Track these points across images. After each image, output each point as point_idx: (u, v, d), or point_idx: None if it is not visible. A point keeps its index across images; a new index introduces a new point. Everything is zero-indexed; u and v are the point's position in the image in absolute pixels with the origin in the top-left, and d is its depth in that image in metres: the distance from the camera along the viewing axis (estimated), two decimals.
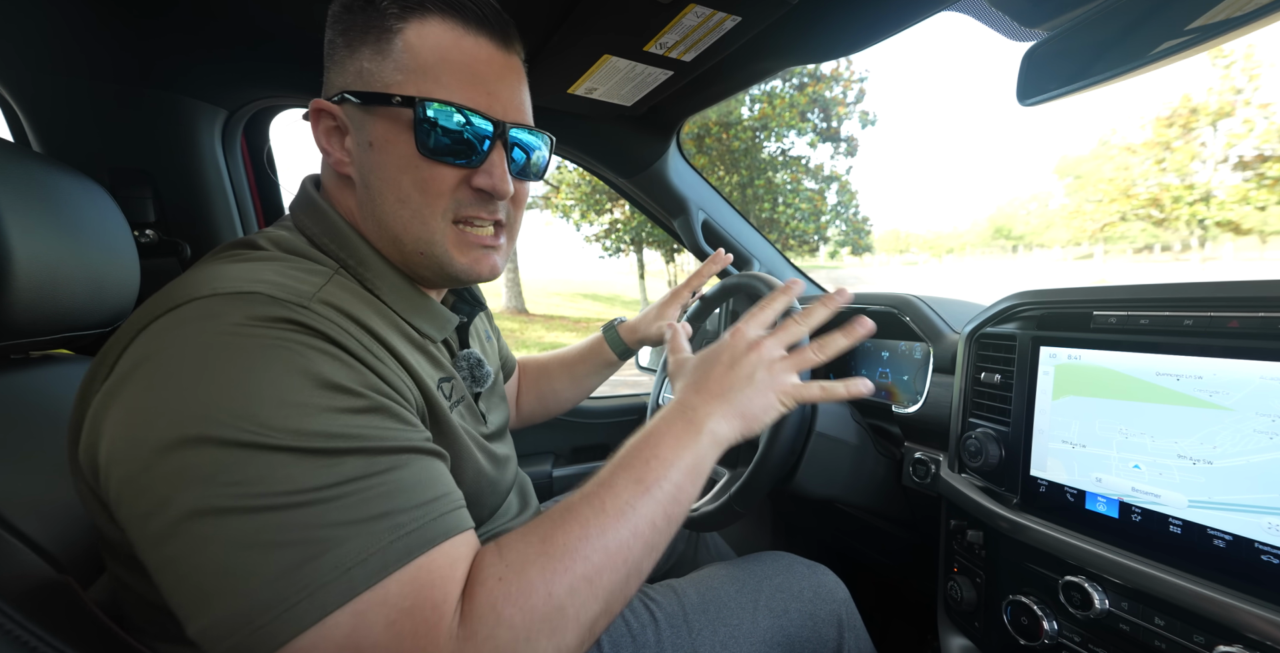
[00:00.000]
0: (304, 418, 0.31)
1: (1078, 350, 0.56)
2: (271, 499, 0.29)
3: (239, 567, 0.28)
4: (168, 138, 0.81)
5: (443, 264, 0.46)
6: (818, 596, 0.67)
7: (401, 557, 0.31)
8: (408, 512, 0.32)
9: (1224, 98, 20.46)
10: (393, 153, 0.43)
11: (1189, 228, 22.66)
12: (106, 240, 0.57)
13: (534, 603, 0.32)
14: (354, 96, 0.43)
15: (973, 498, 0.63)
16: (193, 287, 0.35)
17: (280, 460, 0.30)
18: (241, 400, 0.31)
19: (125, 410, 0.32)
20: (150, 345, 0.33)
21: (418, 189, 0.44)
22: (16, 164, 0.49)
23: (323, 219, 0.46)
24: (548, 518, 0.37)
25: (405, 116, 0.42)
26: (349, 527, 0.30)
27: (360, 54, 0.43)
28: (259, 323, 0.33)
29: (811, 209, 11.37)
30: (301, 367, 0.33)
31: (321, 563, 0.29)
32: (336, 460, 0.31)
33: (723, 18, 0.65)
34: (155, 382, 0.32)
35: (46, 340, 0.53)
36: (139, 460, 0.30)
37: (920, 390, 0.81)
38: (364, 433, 0.33)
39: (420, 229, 0.45)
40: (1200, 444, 0.47)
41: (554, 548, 0.35)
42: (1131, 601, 0.48)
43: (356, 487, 0.31)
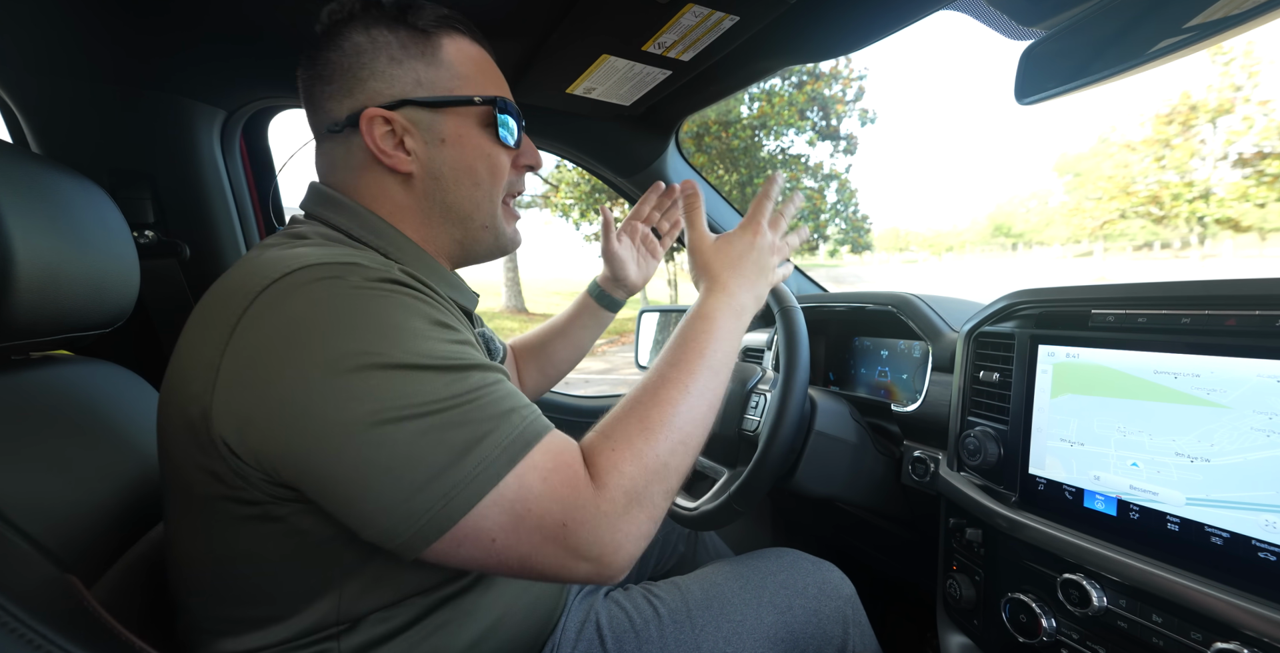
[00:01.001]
0: (435, 345, 0.39)
1: (1076, 349, 0.57)
2: (431, 405, 0.36)
3: (424, 456, 0.35)
4: (166, 138, 0.81)
5: (498, 235, 0.56)
6: (823, 592, 0.67)
7: (532, 437, 0.38)
8: (522, 409, 0.40)
9: (1223, 95, 20.44)
10: (470, 144, 0.51)
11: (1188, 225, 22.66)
12: (106, 241, 0.57)
13: (645, 461, 0.41)
14: (421, 103, 0.48)
15: (971, 496, 0.63)
16: (290, 261, 0.39)
17: (428, 377, 0.37)
18: (388, 335, 0.37)
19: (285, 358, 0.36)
20: (284, 303, 0.37)
21: (489, 172, 0.52)
22: (17, 165, 0.49)
23: (350, 213, 0.50)
24: (639, 402, 0.45)
25: (477, 113, 0.51)
26: (492, 420, 0.37)
27: (411, 65, 0.49)
28: (373, 282, 0.39)
29: (811, 208, 11.37)
30: (419, 310, 0.40)
31: (485, 445, 0.36)
32: (465, 374, 0.39)
33: (721, 17, 0.65)
34: (308, 329, 0.36)
35: (47, 341, 0.53)
36: (316, 394, 0.35)
37: (919, 389, 0.81)
38: (473, 356, 0.41)
39: (489, 205, 0.54)
40: (1198, 442, 0.47)
41: (652, 423, 0.43)
42: (1129, 598, 0.49)
43: (484, 393, 0.38)
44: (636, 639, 0.57)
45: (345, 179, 0.51)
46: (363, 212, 0.50)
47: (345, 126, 0.49)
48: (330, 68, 0.49)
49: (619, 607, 0.61)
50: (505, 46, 0.77)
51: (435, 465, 0.35)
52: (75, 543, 0.44)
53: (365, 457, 0.34)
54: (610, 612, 0.60)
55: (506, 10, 0.69)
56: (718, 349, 0.50)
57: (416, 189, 0.51)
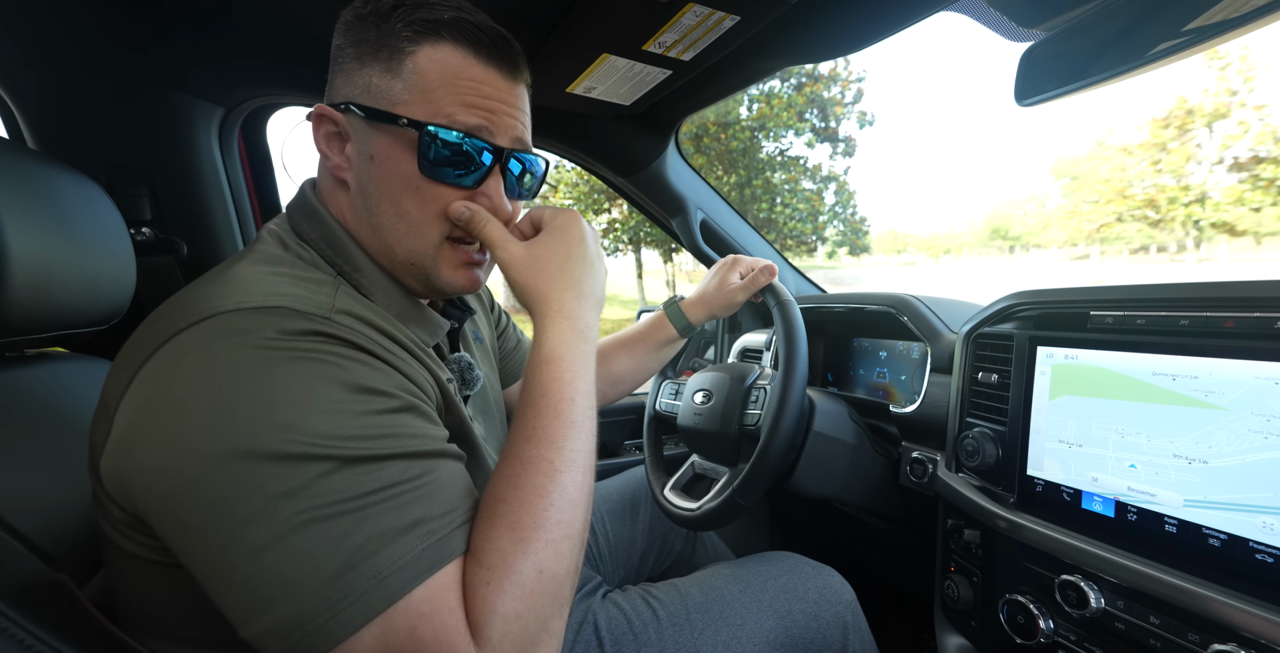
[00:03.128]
0: (344, 423, 0.33)
1: (1074, 350, 0.57)
2: (318, 510, 0.31)
3: (289, 575, 0.30)
4: (164, 135, 0.81)
5: (429, 277, 0.47)
6: (823, 597, 0.66)
7: (434, 563, 0.32)
8: (436, 519, 0.34)
9: (1219, 99, 20.56)
10: (394, 170, 0.44)
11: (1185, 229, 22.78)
12: (103, 238, 0.57)
13: (527, 587, 0.34)
14: (360, 109, 0.43)
15: (970, 497, 0.63)
16: (214, 300, 0.35)
17: (325, 469, 0.31)
18: (285, 412, 0.32)
19: (165, 426, 0.32)
20: (180, 362, 0.33)
21: (417, 206, 0.45)
22: (12, 161, 0.48)
23: (320, 224, 0.46)
24: (502, 499, 0.37)
25: (409, 136, 0.43)
26: (385, 536, 0.31)
27: (370, 68, 0.44)
28: (289, 336, 0.34)
29: (809, 209, 11.38)
30: (335, 376, 0.34)
31: (361, 572, 0.30)
32: (378, 466, 0.33)
33: (721, 17, 0.65)
34: (195, 397, 0.32)
35: (42, 338, 0.52)
36: (186, 476, 0.31)
37: (918, 390, 0.81)
38: (400, 432, 0.35)
39: (415, 243, 0.46)
40: (1196, 444, 0.47)
41: (525, 530, 0.35)
42: (1127, 599, 0.49)
43: (396, 492, 0.33)
44: (635, 641, 0.57)
45: (321, 177, 0.49)
46: (329, 221, 0.46)
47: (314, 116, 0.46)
48: (332, 56, 0.47)
49: (617, 608, 0.61)
50: None
51: (301, 589, 0.29)
52: (67, 542, 0.44)
53: (228, 562, 0.30)
54: (608, 613, 0.60)
55: (507, 8, 0.69)
56: (576, 396, 0.41)
57: (354, 199, 0.46)
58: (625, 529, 0.85)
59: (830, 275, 27.40)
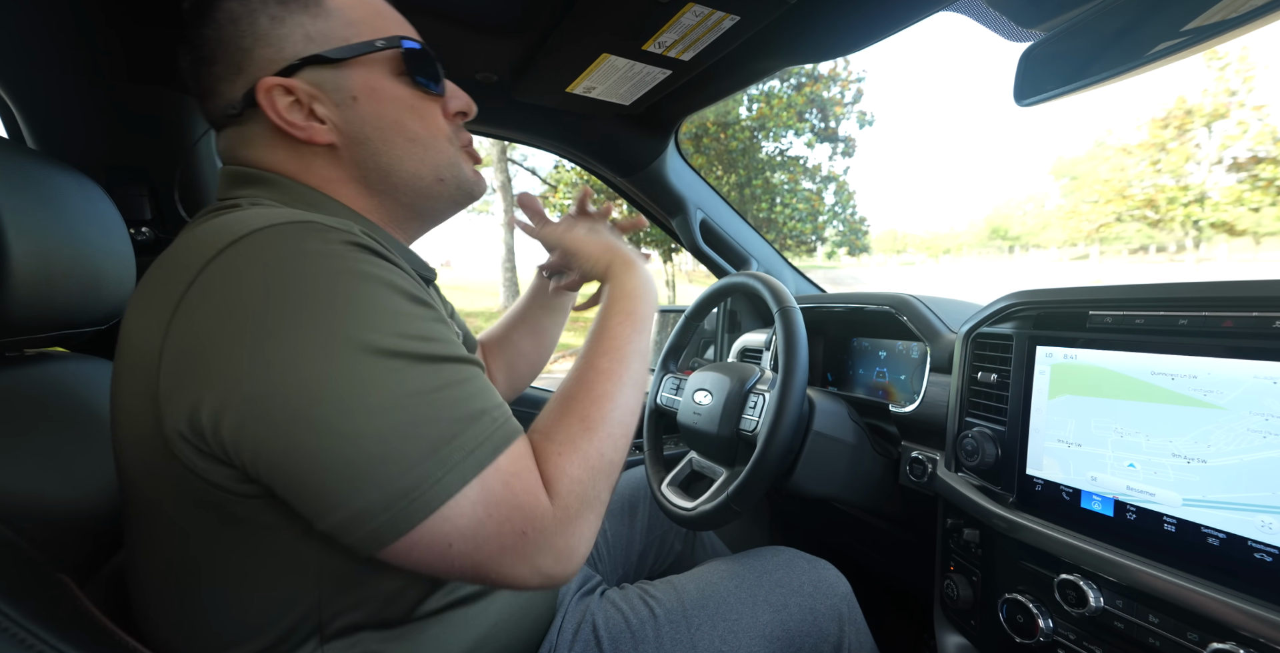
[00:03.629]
0: (414, 325, 0.36)
1: (1074, 350, 0.57)
2: (406, 399, 0.34)
3: (392, 452, 0.33)
4: (164, 135, 0.81)
5: (461, 183, 0.51)
6: (818, 590, 0.67)
7: (501, 442, 0.36)
8: (493, 410, 0.37)
9: (1218, 99, 20.58)
10: (385, 97, 0.45)
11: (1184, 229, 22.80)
12: (102, 238, 0.57)
13: (591, 462, 0.40)
14: (320, 60, 0.43)
15: (969, 497, 0.63)
16: (234, 227, 0.35)
17: (402, 365, 0.34)
18: (365, 312, 0.34)
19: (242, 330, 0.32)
20: (239, 272, 0.34)
21: (422, 124, 0.47)
22: (12, 161, 0.48)
23: (281, 186, 0.44)
24: (576, 397, 0.44)
25: (385, 61, 0.45)
26: (462, 421, 0.35)
27: (295, 21, 0.43)
28: (335, 246, 0.35)
29: (809, 209, 11.38)
30: (387, 280, 0.36)
31: (454, 447, 0.34)
32: (441, 367, 0.36)
33: (721, 17, 0.65)
34: (268, 299, 0.33)
35: (42, 338, 0.52)
36: (272, 377, 0.32)
37: (917, 390, 0.81)
38: (447, 338, 0.38)
39: (439, 156, 0.48)
40: (1194, 443, 0.47)
41: (593, 423, 0.42)
42: (1126, 598, 0.49)
43: (459, 390, 0.36)
44: (633, 640, 0.57)
45: (260, 157, 0.45)
46: (291, 182, 0.44)
47: (243, 107, 0.43)
48: (209, 46, 0.43)
49: (615, 608, 0.61)
50: (506, 45, 0.77)
51: (401, 463, 0.33)
52: (68, 541, 0.44)
53: (330, 447, 0.32)
54: (606, 613, 0.60)
55: (507, 8, 0.69)
56: (643, 331, 0.50)
57: (345, 159, 0.45)
58: (624, 529, 0.85)
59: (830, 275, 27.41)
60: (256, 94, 0.42)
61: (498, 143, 10.54)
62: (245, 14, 0.42)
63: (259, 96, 0.42)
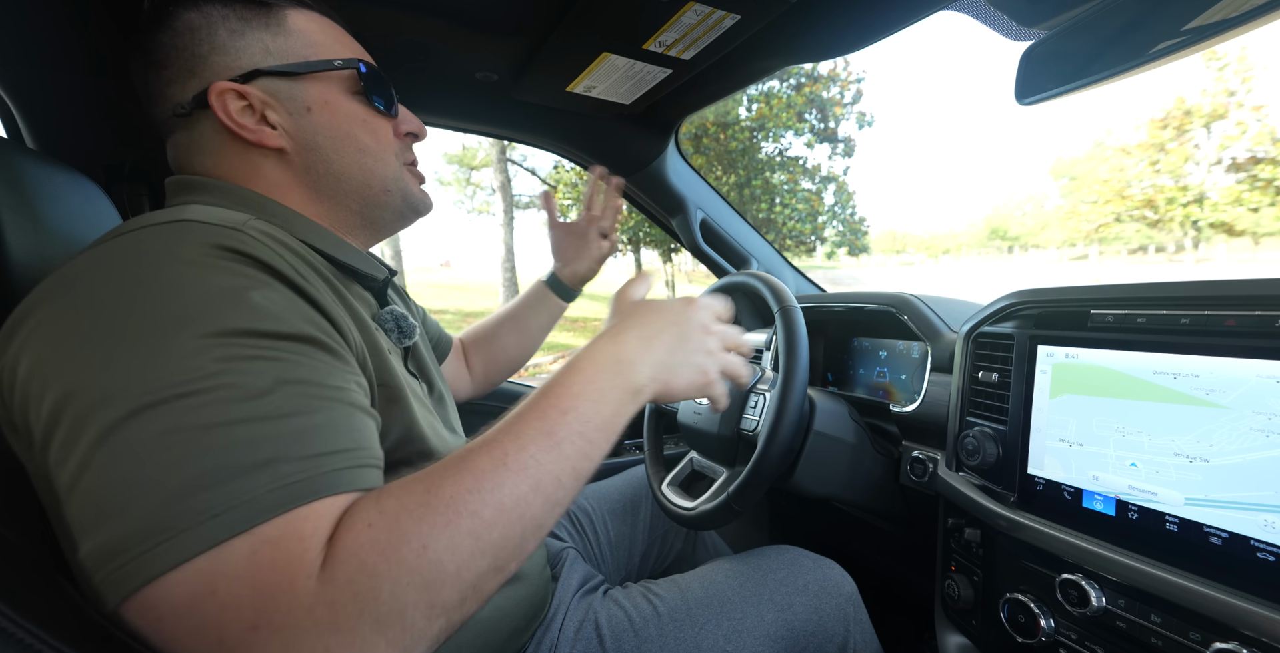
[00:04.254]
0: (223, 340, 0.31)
1: (1075, 349, 0.57)
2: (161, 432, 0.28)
3: (114, 500, 0.28)
4: (163, 135, 0.81)
5: (406, 196, 0.52)
6: (823, 590, 0.66)
7: (269, 509, 0.29)
8: (295, 462, 0.30)
9: (1217, 100, 20.61)
10: (339, 111, 0.48)
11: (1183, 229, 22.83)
12: None
13: (404, 555, 0.29)
14: (277, 72, 0.45)
15: (970, 496, 0.63)
16: (118, 228, 0.37)
17: (189, 383, 0.29)
18: (160, 320, 0.30)
19: (46, 330, 0.31)
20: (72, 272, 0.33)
21: (373, 137, 0.49)
22: (13, 161, 0.48)
23: (224, 192, 0.44)
24: (440, 466, 0.34)
25: (341, 79, 0.48)
26: (230, 470, 0.28)
27: (255, 36, 0.45)
28: (190, 249, 0.34)
29: (809, 209, 11.38)
30: (231, 290, 0.33)
31: (189, 506, 0.27)
32: (243, 394, 0.30)
33: (722, 16, 0.65)
34: (73, 295, 0.32)
35: None
36: (54, 381, 0.30)
37: (918, 390, 0.81)
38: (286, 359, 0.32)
39: (385, 169, 0.50)
40: (1197, 442, 0.47)
41: (438, 500, 0.31)
42: (1128, 598, 0.49)
43: (250, 428, 0.29)
44: (636, 638, 0.57)
45: (207, 164, 0.46)
46: (234, 187, 0.45)
47: (193, 108, 0.44)
48: (163, 50, 0.44)
49: (618, 606, 0.61)
50: (506, 44, 0.77)
51: (125, 513, 0.27)
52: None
53: (67, 463, 0.28)
54: (609, 611, 0.60)
55: (508, 8, 0.69)
56: (576, 430, 0.36)
57: (295, 163, 0.46)
58: (626, 529, 0.85)
59: (829, 275, 27.44)
60: (209, 96, 0.43)
61: (497, 143, 10.54)
62: (204, 25, 0.44)
63: (211, 98, 0.43)
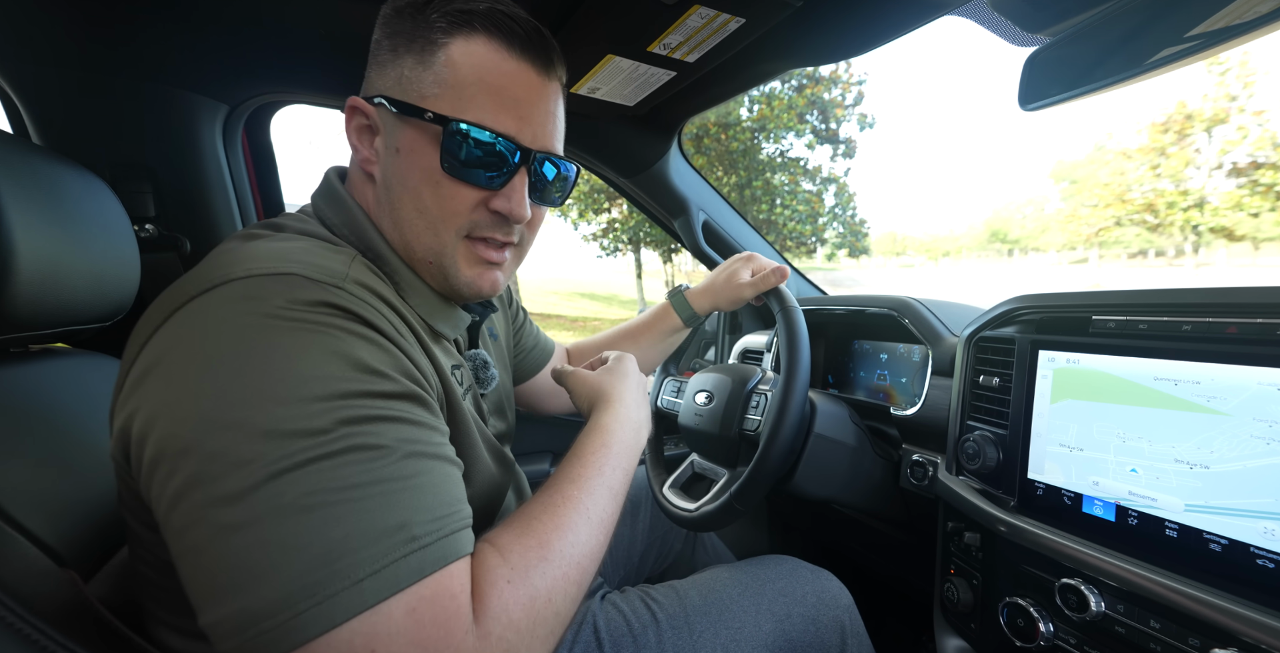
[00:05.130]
0: (343, 403, 0.32)
1: (1076, 355, 0.57)
2: (302, 497, 0.29)
3: (254, 564, 0.28)
4: (169, 132, 0.81)
5: (448, 276, 0.47)
6: (821, 601, 0.67)
7: (414, 572, 0.30)
8: (425, 523, 0.32)
9: (1219, 105, 20.63)
10: (418, 164, 0.44)
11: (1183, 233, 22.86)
12: (107, 234, 0.57)
13: (538, 608, 0.35)
14: (389, 103, 0.44)
15: (970, 500, 0.63)
16: (227, 267, 0.35)
17: (317, 451, 0.30)
18: (283, 386, 0.31)
19: (163, 388, 0.32)
20: (187, 327, 0.33)
21: (436, 203, 0.44)
22: (19, 157, 0.48)
23: (343, 210, 0.46)
24: (534, 518, 0.40)
25: (434, 131, 0.43)
26: (367, 535, 0.30)
27: (403, 61, 0.44)
28: (298, 306, 0.34)
29: (809, 211, 11.39)
30: (343, 351, 0.34)
31: (336, 569, 0.28)
32: (371, 455, 0.32)
33: (727, 19, 0.65)
34: (195, 363, 0.32)
35: (46, 334, 0.52)
36: (177, 441, 0.30)
37: (918, 393, 0.81)
38: (400, 417, 0.34)
39: (432, 240, 0.46)
40: (1197, 449, 0.47)
41: (552, 553, 0.37)
42: (1127, 603, 0.49)
43: (381, 489, 0.31)
44: (634, 644, 0.57)
45: (352, 169, 0.49)
46: (353, 208, 0.46)
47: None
48: (373, 47, 0.47)
49: (616, 610, 0.61)
50: None
51: (264, 581, 0.28)
52: (72, 537, 0.44)
53: (197, 540, 0.29)
54: (608, 615, 0.60)
55: None
56: (616, 467, 0.48)
57: (380, 193, 0.46)
58: (625, 530, 0.85)
59: (829, 277, 27.45)
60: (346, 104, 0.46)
61: None
62: (387, 37, 0.45)
63: (346, 108, 0.46)
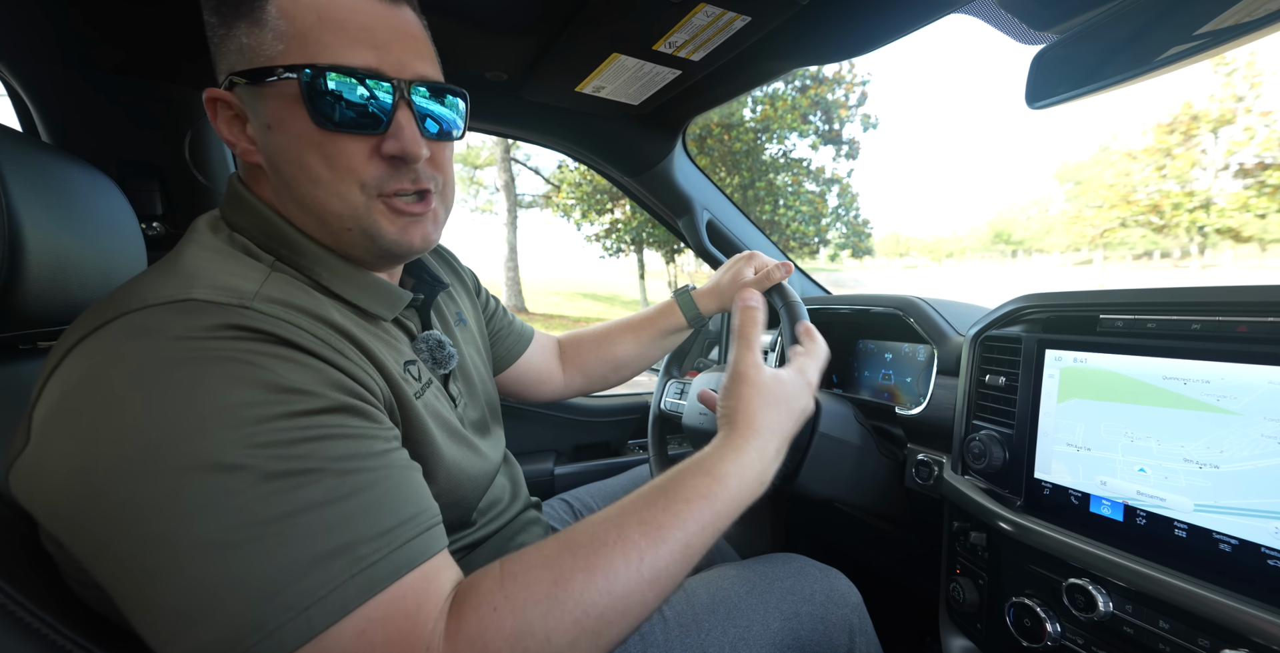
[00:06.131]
0: (258, 429, 0.30)
1: (1084, 354, 0.57)
2: (229, 532, 0.28)
3: (195, 604, 0.27)
4: (175, 131, 0.81)
5: (372, 237, 0.43)
6: (829, 599, 0.66)
7: (362, 593, 0.29)
8: (370, 541, 0.30)
9: (1225, 105, 20.52)
10: (291, 131, 0.40)
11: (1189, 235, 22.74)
12: (115, 232, 0.57)
13: (527, 646, 0.31)
14: (240, 77, 0.39)
15: (976, 500, 0.63)
16: (126, 298, 0.34)
17: (237, 484, 0.29)
18: (191, 420, 0.29)
19: (65, 440, 0.30)
20: (83, 367, 0.31)
21: (326, 166, 0.40)
22: (29, 155, 0.49)
23: (249, 211, 0.43)
24: (566, 549, 0.35)
25: (293, 90, 0.38)
26: (306, 562, 0.29)
27: (237, 29, 0.39)
28: (199, 333, 0.32)
29: (812, 211, 11.37)
30: (249, 375, 0.31)
31: (277, 603, 0.28)
32: (300, 480, 0.30)
33: (732, 17, 0.65)
34: (93, 410, 0.30)
35: (56, 331, 0.52)
36: (86, 495, 0.29)
37: (923, 392, 0.81)
38: (329, 434, 0.32)
39: (340, 205, 0.41)
40: (1207, 448, 0.47)
41: (566, 595, 0.32)
42: (1136, 603, 0.48)
43: (319, 514, 0.30)
44: (641, 642, 0.57)
45: (240, 167, 0.45)
46: (258, 206, 0.43)
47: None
48: (207, 32, 0.41)
49: None
50: (516, 44, 0.78)
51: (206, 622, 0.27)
52: None
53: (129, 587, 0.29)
54: None
55: (519, 8, 0.70)
56: (706, 526, 0.39)
57: (273, 179, 0.42)
58: None
59: (832, 278, 27.40)
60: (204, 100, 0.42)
61: (501, 141, 10.56)
62: (209, 17, 0.41)
63: (206, 106, 0.42)
